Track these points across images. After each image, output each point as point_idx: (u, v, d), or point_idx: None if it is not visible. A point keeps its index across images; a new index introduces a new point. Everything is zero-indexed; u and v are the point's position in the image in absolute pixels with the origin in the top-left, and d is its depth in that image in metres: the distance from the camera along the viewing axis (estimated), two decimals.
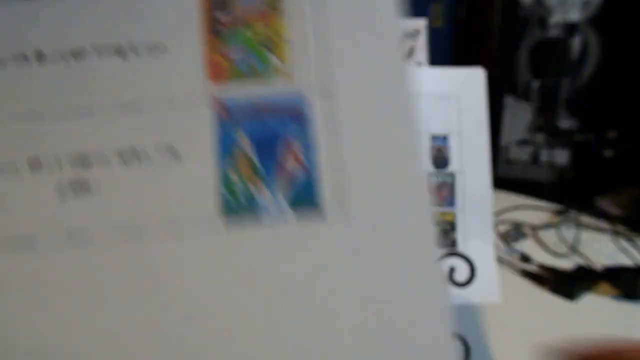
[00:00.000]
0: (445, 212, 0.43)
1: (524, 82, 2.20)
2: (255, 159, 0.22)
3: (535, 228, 0.76)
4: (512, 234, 0.68)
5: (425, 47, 0.51)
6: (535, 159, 2.24)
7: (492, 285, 0.42)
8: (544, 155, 2.21)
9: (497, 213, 0.81)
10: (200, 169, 0.22)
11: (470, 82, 0.45)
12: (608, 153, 0.66)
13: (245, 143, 0.22)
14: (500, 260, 0.64)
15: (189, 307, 0.21)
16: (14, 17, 0.23)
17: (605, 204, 0.85)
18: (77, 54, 0.23)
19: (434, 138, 0.44)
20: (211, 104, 0.23)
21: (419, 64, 0.51)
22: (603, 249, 0.69)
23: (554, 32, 2.10)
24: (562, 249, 0.69)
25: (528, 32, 2.16)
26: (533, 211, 0.84)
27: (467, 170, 0.44)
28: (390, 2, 0.23)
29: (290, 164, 0.22)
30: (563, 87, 2.06)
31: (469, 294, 0.41)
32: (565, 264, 0.63)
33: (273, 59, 0.23)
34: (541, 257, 0.65)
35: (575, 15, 2.05)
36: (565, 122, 2.11)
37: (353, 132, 0.23)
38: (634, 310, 0.53)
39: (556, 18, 2.09)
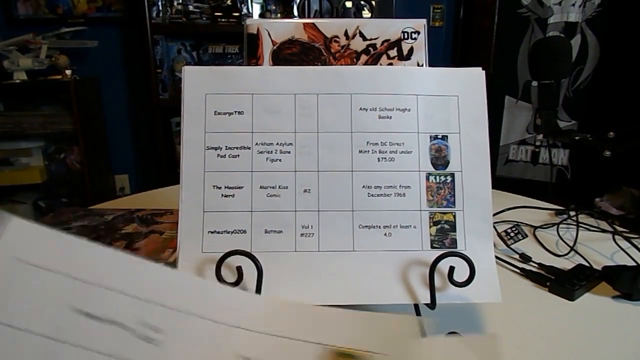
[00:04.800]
0: (445, 212, 0.43)
1: (524, 82, 2.20)
2: None
3: (535, 228, 0.76)
4: (512, 234, 0.68)
5: (425, 47, 0.51)
6: (535, 159, 2.24)
7: (492, 285, 0.42)
8: (544, 155, 2.21)
9: (497, 213, 0.81)
10: None
11: (470, 82, 0.45)
12: (608, 153, 0.66)
13: None
14: (500, 260, 0.64)
15: None
16: None
17: (605, 204, 0.85)
18: None
19: (434, 138, 0.44)
20: None
21: (419, 64, 0.51)
22: (603, 249, 0.69)
23: (554, 32, 2.10)
24: (562, 249, 0.69)
25: (528, 32, 2.16)
26: (533, 211, 0.84)
27: (467, 170, 0.44)
28: None
29: None
30: (563, 87, 2.06)
31: (469, 294, 0.42)
32: (565, 264, 0.63)
33: None
34: (541, 257, 0.65)
35: (574, 16, 2.05)
36: (565, 122, 2.11)
37: None
38: (633, 310, 0.53)
39: (556, 18, 2.09)
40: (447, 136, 0.44)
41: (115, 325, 0.27)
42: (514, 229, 0.68)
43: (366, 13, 1.76)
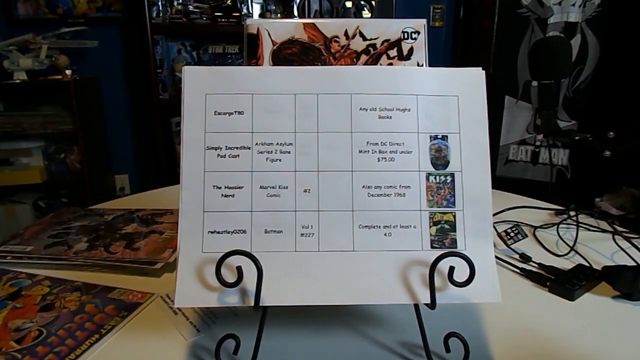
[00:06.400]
0: (445, 212, 0.43)
1: (524, 82, 2.20)
2: None
3: (535, 228, 0.76)
4: (512, 234, 0.68)
5: (425, 47, 0.51)
6: (535, 159, 2.24)
7: (492, 285, 0.42)
8: (544, 155, 2.21)
9: (497, 213, 0.81)
10: None
11: (470, 82, 0.45)
12: (608, 153, 0.66)
13: None
14: (500, 260, 0.64)
15: None
16: None
17: (605, 204, 0.85)
18: None
19: (434, 138, 0.44)
20: None
21: (419, 64, 0.51)
22: (603, 249, 0.69)
23: (554, 32, 2.10)
24: (562, 249, 0.69)
25: (528, 32, 2.16)
26: (533, 211, 0.84)
27: (467, 170, 0.44)
28: None
29: None
30: (563, 87, 2.06)
31: (469, 294, 0.42)
32: (565, 264, 0.63)
33: None
34: (541, 257, 0.65)
35: (574, 16, 2.05)
36: (565, 122, 2.11)
37: None
38: (633, 310, 0.53)
39: (556, 18, 2.09)
40: (447, 136, 0.44)
41: None
42: (514, 229, 0.68)
43: (366, 13, 1.76)
